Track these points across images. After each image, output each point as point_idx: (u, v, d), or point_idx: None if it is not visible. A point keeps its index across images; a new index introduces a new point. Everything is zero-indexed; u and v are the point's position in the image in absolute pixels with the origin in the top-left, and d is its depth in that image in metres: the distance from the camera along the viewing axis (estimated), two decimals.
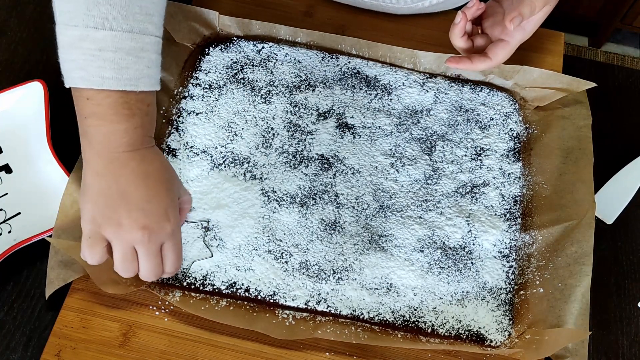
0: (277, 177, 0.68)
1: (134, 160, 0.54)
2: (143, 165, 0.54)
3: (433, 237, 0.67)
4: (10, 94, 0.70)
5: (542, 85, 0.76)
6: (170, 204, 0.56)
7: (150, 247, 0.54)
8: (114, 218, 0.53)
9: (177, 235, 0.56)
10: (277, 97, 0.74)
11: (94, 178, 0.54)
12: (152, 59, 0.54)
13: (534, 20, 0.68)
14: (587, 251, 0.63)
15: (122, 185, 0.53)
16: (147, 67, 0.54)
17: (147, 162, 0.55)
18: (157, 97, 0.71)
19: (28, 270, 0.64)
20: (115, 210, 0.53)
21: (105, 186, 0.53)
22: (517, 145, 0.74)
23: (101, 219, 0.53)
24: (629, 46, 1.96)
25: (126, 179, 0.53)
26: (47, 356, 0.58)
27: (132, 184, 0.54)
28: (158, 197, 0.54)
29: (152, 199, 0.54)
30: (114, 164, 0.53)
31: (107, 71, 0.51)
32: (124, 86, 0.52)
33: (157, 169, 0.56)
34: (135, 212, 0.53)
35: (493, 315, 0.63)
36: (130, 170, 0.54)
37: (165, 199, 0.55)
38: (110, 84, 0.51)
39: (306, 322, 0.61)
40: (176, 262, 0.57)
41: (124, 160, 0.54)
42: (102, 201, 0.53)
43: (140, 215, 0.53)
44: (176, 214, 0.56)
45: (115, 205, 0.53)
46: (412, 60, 0.78)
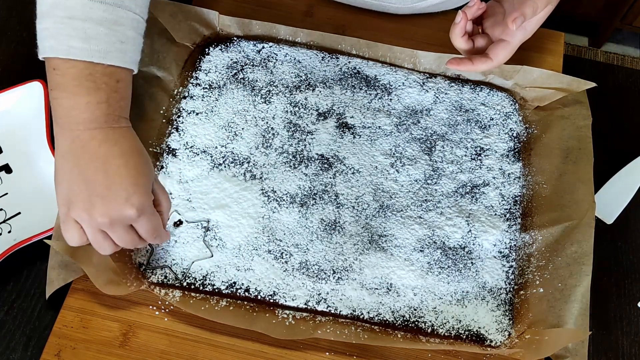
0: (277, 177, 0.68)
1: (95, 140, 0.51)
2: (105, 146, 0.51)
3: (433, 237, 0.67)
4: (10, 94, 0.70)
5: (542, 85, 0.76)
6: (136, 190, 0.52)
7: (115, 230, 0.53)
8: (77, 202, 0.51)
9: (145, 215, 0.53)
10: (277, 97, 0.74)
11: (59, 159, 0.52)
12: (129, 35, 0.53)
13: (535, 20, 0.68)
14: (587, 251, 0.63)
15: (82, 168, 0.51)
16: (120, 41, 0.52)
17: (109, 142, 0.52)
18: (157, 97, 0.71)
19: (28, 270, 0.64)
20: (78, 194, 0.51)
21: (68, 168, 0.52)
22: (517, 145, 0.74)
23: (68, 201, 0.52)
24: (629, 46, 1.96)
25: (86, 162, 0.51)
26: (47, 356, 0.58)
27: (91, 168, 0.51)
28: (119, 183, 0.51)
29: (112, 185, 0.51)
30: (75, 144, 0.51)
31: (74, 40, 0.49)
32: (91, 57, 0.50)
33: (122, 151, 0.52)
34: (94, 198, 0.51)
35: (493, 315, 0.63)
36: (90, 152, 0.51)
37: (128, 185, 0.52)
38: (76, 53, 0.49)
39: (306, 322, 0.61)
40: (151, 232, 0.55)
41: (85, 139, 0.51)
42: (66, 185, 0.52)
43: (99, 202, 0.51)
44: (143, 198, 0.53)
45: (78, 188, 0.51)
46: (412, 60, 0.78)
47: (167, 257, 0.63)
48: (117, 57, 0.52)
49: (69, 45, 0.49)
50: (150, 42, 0.74)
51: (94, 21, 0.50)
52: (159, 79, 0.73)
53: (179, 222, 0.64)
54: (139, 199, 0.53)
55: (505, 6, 0.69)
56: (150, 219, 0.55)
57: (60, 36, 0.49)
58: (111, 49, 0.51)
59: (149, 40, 0.74)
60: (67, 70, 0.50)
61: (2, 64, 0.77)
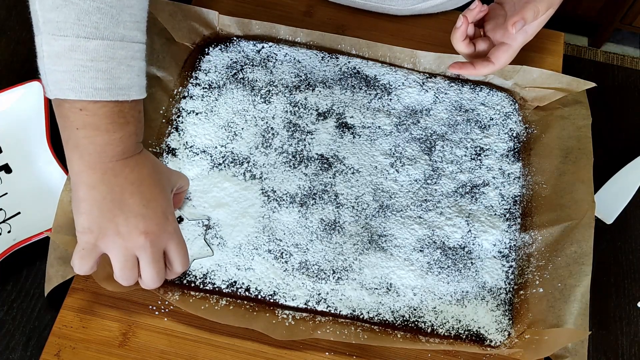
0: (277, 176, 0.68)
1: (128, 167, 0.53)
2: (136, 171, 0.53)
3: (433, 237, 0.67)
4: (10, 93, 0.70)
5: (541, 85, 0.76)
6: (168, 205, 0.55)
7: (153, 251, 0.53)
8: (111, 227, 0.52)
9: (179, 234, 0.55)
10: (277, 97, 0.74)
11: (86, 191, 0.52)
12: (142, 66, 0.54)
13: (536, 23, 0.68)
14: (586, 251, 0.63)
15: (117, 194, 0.52)
16: (137, 75, 0.53)
17: (139, 167, 0.54)
18: (157, 97, 0.72)
19: (28, 270, 0.64)
20: (112, 220, 0.52)
21: (100, 197, 0.52)
22: (516, 145, 0.74)
23: (97, 229, 0.52)
24: (629, 46, 1.96)
25: (121, 188, 0.52)
26: (47, 356, 0.58)
27: (127, 192, 0.52)
28: (154, 201, 0.54)
29: (148, 204, 0.53)
30: (107, 174, 0.52)
31: (100, 82, 0.50)
32: (117, 96, 0.51)
33: (150, 172, 0.55)
34: (133, 219, 0.52)
35: (493, 315, 0.63)
36: (124, 179, 0.53)
37: (162, 201, 0.54)
38: (103, 95, 0.50)
39: (306, 322, 0.61)
40: (184, 260, 0.56)
41: (118, 169, 0.52)
42: (97, 212, 0.52)
43: (139, 221, 0.52)
44: (173, 212, 0.56)
45: (112, 214, 0.52)
46: (412, 60, 0.78)
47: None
48: (137, 91, 0.53)
49: (95, 88, 0.50)
50: (150, 42, 0.73)
51: (116, 61, 0.51)
52: (158, 78, 0.73)
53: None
54: (171, 210, 0.55)
55: (506, 9, 0.69)
56: (183, 239, 0.56)
57: (84, 79, 0.50)
58: (132, 85, 0.52)
59: (149, 41, 0.73)
60: (97, 110, 0.51)
61: (1, 64, 0.77)
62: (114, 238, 0.52)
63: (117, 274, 0.53)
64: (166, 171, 0.58)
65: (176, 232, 0.55)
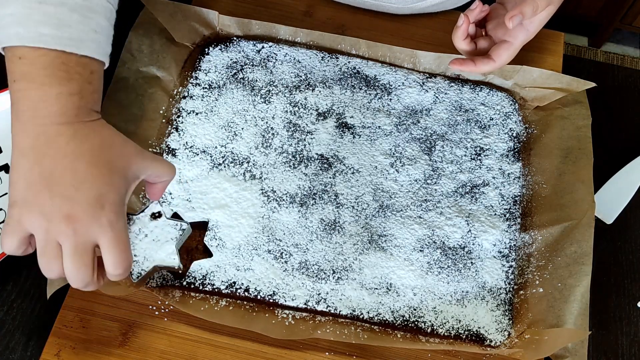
0: (277, 176, 0.68)
1: (63, 137, 0.46)
2: (74, 143, 0.46)
3: (433, 237, 0.67)
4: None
5: (541, 85, 0.76)
6: (109, 190, 0.47)
7: (76, 241, 0.45)
8: (36, 204, 0.45)
9: (116, 228, 0.47)
10: (277, 97, 0.74)
11: (17, 157, 0.46)
12: (102, 24, 0.49)
13: (537, 21, 0.68)
14: (586, 251, 0.63)
15: (46, 166, 0.45)
16: (94, 31, 0.47)
17: (79, 138, 0.46)
18: (157, 97, 0.71)
19: (28, 270, 0.64)
20: (37, 196, 0.45)
21: (28, 167, 0.45)
22: (516, 145, 0.74)
23: (22, 204, 0.45)
24: (629, 46, 1.96)
25: (51, 160, 0.45)
26: (47, 356, 0.58)
27: (58, 166, 0.45)
28: (89, 183, 0.46)
29: (80, 185, 0.45)
30: (39, 140, 0.46)
31: (45, 27, 0.45)
32: (64, 45, 0.45)
33: (93, 148, 0.47)
34: (58, 199, 0.45)
35: (493, 315, 0.63)
36: (56, 149, 0.46)
37: (100, 184, 0.46)
38: (47, 41, 0.45)
39: (306, 322, 0.61)
40: (118, 260, 0.47)
41: (52, 135, 0.46)
42: (23, 184, 0.45)
43: (64, 203, 0.45)
44: (117, 201, 0.47)
45: (38, 189, 0.45)
46: (412, 60, 0.78)
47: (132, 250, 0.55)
48: (91, 47, 0.47)
49: (40, 33, 0.45)
50: (150, 42, 0.74)
51: (68, 7, 0.46)
52: (158, 78, 0.73)
53: (158, 215, 0.57)
54: (113, 198, 0.47)
55: (508, 8, 0.69)
56: (122, 236, 0.47)
57: (29, 22, 0.45)
58: (85, 38, 0.47)
59: (149, 41, 0.74)
60: (36, 58, 0.45)
61: (2, 64, 0.76)
62: (37, 216, 0.45)
63: (39, 261, 0.47)
64: (125, 154, 0.49)
65: (111, 226, 0.46)
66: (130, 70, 0.71)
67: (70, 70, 0.47)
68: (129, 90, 0.70)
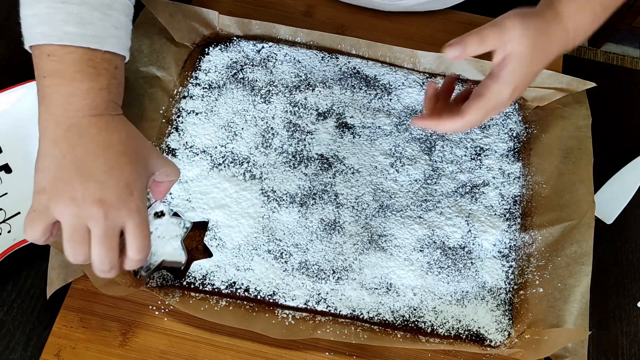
0: (277, 176, 0.68)
1: (95, 127, 0.48)
2: (105, 134, 0.49)
3: (433, 236, 0.67)
4: (10, 93, 0.70)
5: (541, 85, 0.76)
6: (136, 178, 0.49)
7: (107, 224, 0.47)
8: (66, 190, 0.46)
9: (142, 214, 0.49)
10: (277, 97, 0.74)
11: (48, 147, 0.48)
12: (122, 20, 0.51)
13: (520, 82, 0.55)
14: (586, 251, 0.63)
15: (78, 154, 0.47)
16: (115, 27, 0.50)
17: (110, 130, 0.49)
18: (157, 97, 0.71)
19: (28, 270, 0.64)
20: (68, 182, 0.46)
21: (60, 155, 0.47)
22: (516, 145, 0.74)
23: (51, 190, 0.47)
24: (629, 46, 1.96)
25: (84, 148, 0.47)
26: (47, 356, 0.58)
27: (90, 154, 0.47)
28: (119, 170, 0.48)
29: (112, 171, 0.47)
30: (71, 131, 0.48)
31: (70, 25, 0.47)
32: (88, 43, 0.48)
33: (122, 139, 0.49)
34: (91, 184, 0.46)
35: (493, 315, 0.63)
36: (89, 139, 0.48)
37: (129, 172, 0.49)
38: (72, 39, 0.47)
39: (306, 322, 0.61)
40: (142, 245, 0.49)
41: (84, 126, 0.48)
42: (54, 170, 0.47)
43: (97, 188, 0.47)
44: (142, 190, 0.49)
45: (69, 176, 0.47)
46: (412, 60, 0.78)
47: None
48: (113, 43, 0.50)
49: (65, 31, 0.47)
50: (150, 42, 0.74)
51: (89, 5, 0.48)
52: (158, 78, 0.73)
53: (161, 214, 0.58)
54: (140, 186, 0.49)
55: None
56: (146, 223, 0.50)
57: (54, 21, 0.47)
58: (106, 35, 0.49)
59: (149, 41, 0.74)
60: (65, 56, 0.47)
61: (1, 64, 0.77)
62: (67, 202, 0.46)
63: (65, 247, 0.48)
64: (147, 148, 0.52)
65: (139, 211, 0.49)
66: (130, 70, 0.71)
67: (97, 66, 0.49)
68: (129, 90, 0.70)
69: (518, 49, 0.52)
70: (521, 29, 0.52)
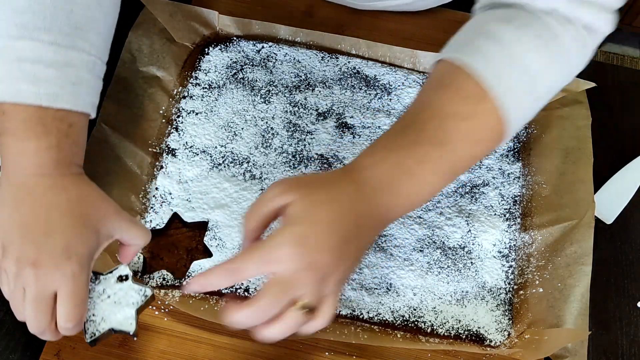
0: (277, 177, 0.68)
1: (41, 187, 0.47)
2: (51, 193, 0.47)
3: (432, 236, 0.67)
4: None
5: None
6: (79, 242, 0.47)
7: (37, 288, 0.46)
8: (9, 251, 0.46)
9: (77, 280, 0.47)
10: (277, 97, 0.74)
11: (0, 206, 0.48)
12: (83, 77, 0.50)
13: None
14: (586, 251, 0.63)
15: (22, 215, 0.47)
16: (72, 83, 0.49)
17: (56, 190, 0.48)
18: (157, 97, 0.71)
19: None
20: (12, 242, 0.47)
21: (7, 215, 0.47)
22: (516, 145, 0.74)
23: (1, 250, 0.47)
24: (629, 46, 1.96)
25: (28, 209, 0.47)
26: (47, 356, 0.58)
27: (32, 215, 0.47)
28: (60, 232, 0.46)
29: (51, 234, 0.46)
30: (19, 191, 0.47)
31: (23, 83, 0.47)
32: (40, 100, 0.47)
33: (70, 199, 0.48)
34: (28, 246, 0.46)
35: (492, 315, 0.63)
36: (34, 199, 0.47)
37: (71, 235, 0.47)
38: (25, 97, 0.47)
39: None
40: (71, 314, 0.47)
41: (31, 186, 0.47)
42: (2, 232, 0.47)
43: (32, 250, 0.46)
44: (84, 254, 0.47)
45: (12, 236, 0.47)
46: (412, 60, 0.78)
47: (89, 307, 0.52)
48: (68, 100, 0.48)
49: (18, 89, 0.47)
50: (150, 42, 0.74)
51: (44, 63, 0.47)
52: (158, 78, 0.73)
53: (125, 277, 0.54)
54: (82, 251, 0.47)
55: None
56: (82, 291, 0.47)
57: (9, 79, 0.47)
58: (62, 92, 0.48)
59: (149, 41, 0.74)
60: (16, 114, 0.47)
61: None
62: (10, 262, 0.47)
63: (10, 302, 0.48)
64: (103, 210, 0.50)
65: (74, 277, 0.47)
66: (130, 70, 0.71)
67: (47, 124, 0.48)
68: (129, 90, 0.70)
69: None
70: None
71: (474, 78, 0.48)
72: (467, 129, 0.48)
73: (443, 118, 0.47)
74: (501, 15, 0.52)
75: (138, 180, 0.67)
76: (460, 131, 0.48)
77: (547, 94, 0.52)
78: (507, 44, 0.49)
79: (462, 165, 0.50)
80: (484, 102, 0.47)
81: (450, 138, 0.47)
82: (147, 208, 0.65)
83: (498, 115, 0.48)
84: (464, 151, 0.49)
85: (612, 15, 0.53)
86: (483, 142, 0.49)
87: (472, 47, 0.49)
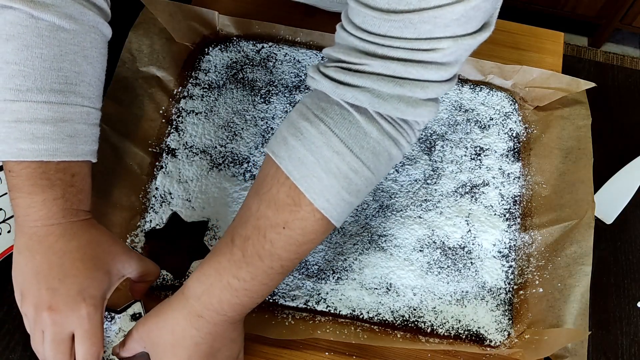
0: None
1: (52, 236, 0.51)
2: (62, 241, 0.51)
3: (432, 237, 0.67)
4: None
5: (541, 85, 0.76)
6: (91, 284, 0.51)
7: (54, 331, 0.50)
8: (28, 296, 0.50)
9: (93, 321, 0.51)
10: (277, 97, 0.74)
11: (15, 256, 0.52)
12: (78, 128, 0.52)
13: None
14: (586, 251, 0.63)
15: (37, 263, 0.50)
16: (69, 136, 0.52)
17: (67, 237, 0.51)
18: (157, 97, 0.71)
19: None
20: (29, 289, 0.50)
21: (23, 263, 0.51)
22: (516, 145, 0.74)
23: (19, 296, 0.51)
24: (629, 46, 1.96)
25: (42, 257, 0.50)
26: None
27: (46, 262, 0.50)
28: (73, 276, 0.50)
29: (65, 279, 0.50)
30: (32, 240, 0.51)
31: (23, 142, 0.50)
32: (40, 156, 0.50)
33: (80, 245, 0.51)
34: (44, 292, 0.50)
35: (492, 315, 0.63)
36: (46, 247, 0.51)
37: (84, 278, 0.50)
38: (26, 155, 0.50)
39: (305, 322, 0.61)
40: (89, 353, 0.50)
41: (42, 235, 0.51)
42: (20, 280, 0.51)
43: (48, 295, 0.49)
44: (97, 296, 0.51)
45: (29, 283, 0.50)
46: None
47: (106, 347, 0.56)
48: (66, 152, 0.51)
49: (19, 148, 0.50)
50: (150, 42, 0.74)
51: (40, 121, 0.50)
52: (158, 78, 0.73)
53: (138, 315, 0.58)
54: (95, 293, 0.51)
55: None
56: (98, 329, 0.51)
57: (10, 140, 0.50)
58: (60, 146, 0.51)
59: (149, 41, 0.74)
60: (20, 171, 0.50)
61: None
62: (29, 308, 0.50)
63: (32, 345, 0.52)
64: (112, 252, 0.53)
65: (89, 318, 0.50)
66: (130, 70, 0.71)
67: (51, 177, 0.51)
68: (129, 90, 0.70)
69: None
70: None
71: (289, 182, 0.48)
72: (290, 236, 0.49)
73: (266, 229, 0.49)
74: (316, 108, 0.49)
75: (138, 180, 0.67)
76: (282, 239, 0.49)
77: (366, 187, 0.51)
78: (318, 147, 0.48)
79: (293, 264, 0.52)
80: (300, 208, 0.48)
81: (275, 247, 0.49)
82: (147, 208, 0.65)
83: (318, 215, 0.49)
84: (291, 254, 0.50)
85: (431, 102, 0.48)
86: (309, 240, 0.51)
87: (287, 148, 0.49)
